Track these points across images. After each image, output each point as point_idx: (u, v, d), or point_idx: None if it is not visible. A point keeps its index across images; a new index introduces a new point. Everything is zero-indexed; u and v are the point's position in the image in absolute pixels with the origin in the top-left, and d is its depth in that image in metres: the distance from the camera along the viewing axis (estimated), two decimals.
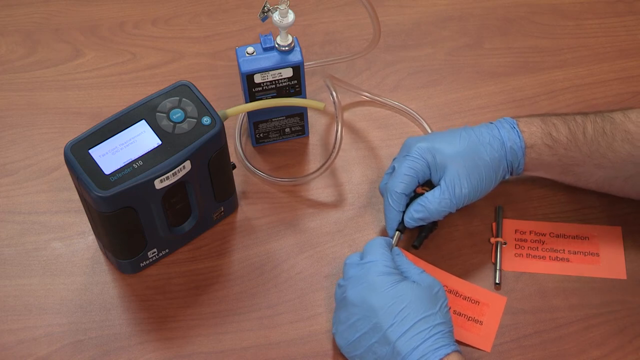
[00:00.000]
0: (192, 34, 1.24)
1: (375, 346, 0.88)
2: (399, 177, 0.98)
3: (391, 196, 0.98)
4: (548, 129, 0.98)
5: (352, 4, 1.26)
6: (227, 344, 0.97)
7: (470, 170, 0.97)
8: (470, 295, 0.99)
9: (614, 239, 1.03)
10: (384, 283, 0.90)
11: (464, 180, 0.97)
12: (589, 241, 1.03)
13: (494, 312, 0.98)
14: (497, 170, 0.99)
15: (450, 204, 0.97)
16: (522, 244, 1.03)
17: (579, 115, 0.99)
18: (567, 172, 1.00)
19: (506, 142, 0.98)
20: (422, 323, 0.87)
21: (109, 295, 1.01)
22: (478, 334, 0.96)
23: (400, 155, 1.01)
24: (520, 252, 1.03)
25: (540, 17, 1.25)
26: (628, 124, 0.97)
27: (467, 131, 1.00)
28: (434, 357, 0.86)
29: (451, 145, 0.98)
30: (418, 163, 0.98)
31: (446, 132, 1.01)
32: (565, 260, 1.02)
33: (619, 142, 0.96)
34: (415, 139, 1.01)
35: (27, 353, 0.97)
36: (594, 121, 0.98)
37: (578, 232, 1.04)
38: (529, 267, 1.01)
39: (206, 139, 0.93)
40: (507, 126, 0.99)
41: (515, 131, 0.98)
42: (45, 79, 1.20)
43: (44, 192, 1.09)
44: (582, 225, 1.04)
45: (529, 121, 0.99)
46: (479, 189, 0.98)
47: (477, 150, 0.98)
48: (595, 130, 0.97)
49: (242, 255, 1.04)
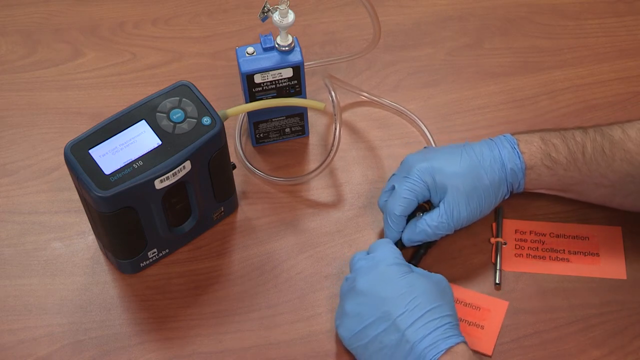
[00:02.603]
0: (192, 34, 1.24)
1: (382, 335, 0.88)
2: (398, 200, 0.98)
3: (391, 218, 0.99)
4: (548, 149, 0.98)
5: (352, 4, 1.26)
6: (227, 344, 0.97)
7: (470, 194, 0.97)
8: (472, 301, 0.99)
9: (614, 239, 1.03)
10: (395, 272, 0.91)
11: (463, 205, 0.97)
12: (589, 241, 1.03)
13: (496, 316, 0.98)
14: (497, 193, 0.99)
15: (448, 227, 0.98)
16: (522, 244, 1.03)
17: (578, 132, 0.99)
18: (567, 190, 1.01)
19: (507, 164, 0.98)
20: (432, 313, 0.88)
21: (109, 295, 1.01)
22: (480, 338, 0.96)
23: (399, 174, 1.01)
24: (521, 252, 1.03)
25: (540, 17, 1.25)
26: (627, 142, 0.96)
27: (468, 151, 0.99)
28: (443, 346, 0.86)
29: (452, 167, 0.98)
30: (417, 186, 0.98)
31: (447, 150, 1.01)
32: (565, 261, 1.02)
33: (619, 162, 0.96)
34: (416, 158, 1.00)
35: (27, 353, 0.97)
36: (594, 139, 0.97)
37: (578, 232, 1.04)
38: (529, 267, 1.01)
39: (206, 139, 0.93)
40: (507, 146, 0.99)
41: (515, 152, 0.98)
42: (45, 79, 1.20)
43: (44, 192, 1.09)
44: (582, 225, 1.04)
45: (529, 140, 0.99)
46: (477, 213, 0.99)
47: (478, 173, 0.98)
48: (594, 149, 0.97)
49: (242, 255, 1.04)
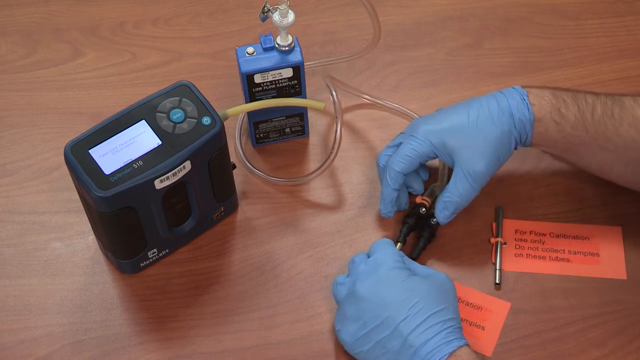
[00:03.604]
0: (192, 34, 1.24)
1: (385, 340, 0.88)
2: (400, 157, 0.99)
3: (389, 173, 1.00)
4: (558, 104, 0.97)
5: (352, 4, 1.26)
6: (227, 344, 0.97)
7: (482, 149, 0.97)
8: (473, 301, 0.99)
9: (614, 239, 1.03)
10: (396, 277, 0.91)
11: (478, 162, 0.97)
12: (589, 241, 1.03)
13: (497, 317, 0.97)
14: (509, 143, 0.98)
15: (473, 188, 0.98)
16: (522, 244, 1.03)
17: (590, 95, 0.98)
18: (570, 150, 0.99)
19: (515, 114, 0.97)
20: (434, 317, 0.88)
21: (109, 295, 1.01)
22: (480, 339, 0.96)
23: (406, 132, 1.01)
24: (521, 252, 1.02)
25: (540, 17, 1.25)
26: (637, 109, 0.96)
27: (475, 106, 0.98)
28: (446, 349, 0.86)
29: (460, 125, 0.97)
30: (423, 146, 0.98)
31: (454, 110, 1.00)
32: (565, 261, 1.02)
33: (626, 127, 0.96)
34: (423, 121, 1.00)
35: (27, 353, 0.97)
36: (604, 102, 0.97)
37: (578, 232, 1.04)
38: (529, 267, 1.01)
39: (206, 139, 0.93)
40: (517, 97, 0.98)
41: (525, 103, 0.97)
42: (45, 79, 1.20)
43: (44, 192, 1.09)
44: (582, 225, 1.04)
45: (539, 94, 0.98)
46: (495, 164, 0.98)
47: (487, 126, 0.97)
48: (604, 112, 0.97)
49: (242, 255, 1.04)
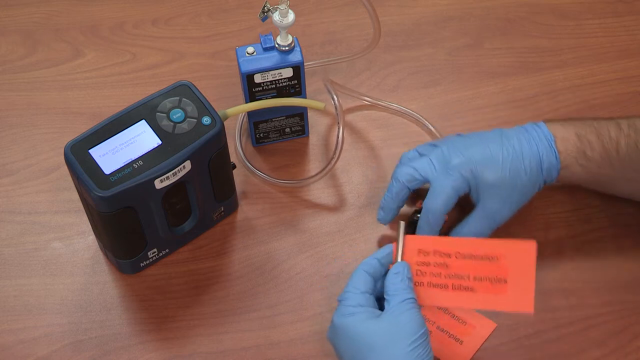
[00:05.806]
0: (192, 34, 1.24)
1: None
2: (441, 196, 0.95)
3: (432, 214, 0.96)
4: (583, 147, 0.96)
5: (352, 4, 1.26)
6: (227, 344, 0.97)
7: (510, 194, 0.96)
8: (459, 314, 0.95)
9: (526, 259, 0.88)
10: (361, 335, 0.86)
11: (505, 207, 0.96)
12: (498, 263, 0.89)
13: (478, 335, 0.95)
14: (533, 190, 0.98)
15: (489, 229, 0.97)
16: (423, 270, 0.89)
17: (613, 127, 0.97)
18: (595, 183, 1.00)
19: (544, 163, 0.96)
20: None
21: (109, 295, 1.01)
22: (454, 352, 0.93)
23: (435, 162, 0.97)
24: (421, 281, 0.89)
25: (540, 17, 1.25)
26: None
27: (507, 146, 0.96)
28: None
29: (492, 165, 0.95)
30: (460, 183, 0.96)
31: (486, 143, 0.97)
32: (469, 290, 0.89)
33: None
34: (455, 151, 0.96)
35: (27, 353, 0.97)
36: (627, 135, 0.96)
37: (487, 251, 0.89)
38: (430, 300, 0.89)
39: (206, 139, 0.93)
40: (545, 143, 0.96)
41: (552, 150, 0.96)
42: (45, 79, 1.20)
43: (44, 192, 1.09)
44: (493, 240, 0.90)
45: (565, 137, 0.97)
46: (515, 210, 0.98)
47: (518, 172, 0.96)
48: (628, 145, 0.96)
49: (242, 255, 1.04)
